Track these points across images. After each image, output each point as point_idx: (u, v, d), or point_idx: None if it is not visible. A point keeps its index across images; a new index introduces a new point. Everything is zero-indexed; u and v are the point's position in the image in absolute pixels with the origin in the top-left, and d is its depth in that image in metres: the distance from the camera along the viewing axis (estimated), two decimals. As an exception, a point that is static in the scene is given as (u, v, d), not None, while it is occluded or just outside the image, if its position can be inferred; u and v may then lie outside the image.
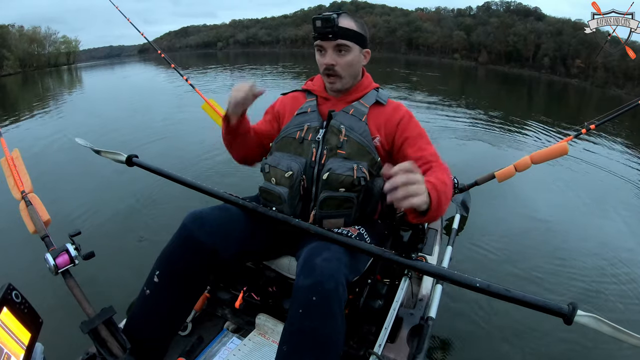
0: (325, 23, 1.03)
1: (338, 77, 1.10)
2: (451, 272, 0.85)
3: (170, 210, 2.72)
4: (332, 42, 1.05)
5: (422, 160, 1.05)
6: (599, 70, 25.72)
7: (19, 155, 1.26)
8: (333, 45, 1.06)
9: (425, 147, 1.09)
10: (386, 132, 1.12)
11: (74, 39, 43.03)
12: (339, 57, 1.07)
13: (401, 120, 1.12)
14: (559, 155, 1.88)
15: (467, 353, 1.64)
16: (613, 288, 2.12)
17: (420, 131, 1.13)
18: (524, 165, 1.91)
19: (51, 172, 3.52)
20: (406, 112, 1.15)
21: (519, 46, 35.60)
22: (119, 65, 27.87)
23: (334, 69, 1.08)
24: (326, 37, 1.05)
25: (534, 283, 2.11)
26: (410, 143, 1.09)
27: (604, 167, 4.67)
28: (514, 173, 1.93)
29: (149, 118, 6.23)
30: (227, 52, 57.18)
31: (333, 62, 1.07)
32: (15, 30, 34.37)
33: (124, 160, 1.26)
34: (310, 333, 0.85)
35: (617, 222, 3.04)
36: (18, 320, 0.75)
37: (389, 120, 1.12)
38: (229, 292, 1.33)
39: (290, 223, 1.00)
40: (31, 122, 6.48)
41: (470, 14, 44.44)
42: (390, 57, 37.62)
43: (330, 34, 1.04)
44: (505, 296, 0.81)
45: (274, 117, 1.25)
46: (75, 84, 15.93)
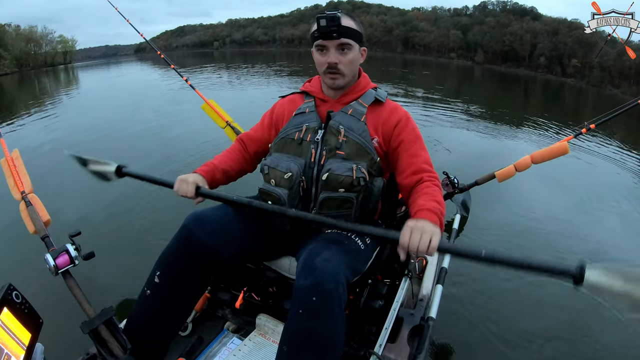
0: (331, 22, 1.02)
1: (341, 74, 1.10)
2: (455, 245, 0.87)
3: (170, 210, 2.71)
4: (335, 41, 1.05)
5: (414, 168, 1.07)
6: (595, 69, 25.65)
7: (18, 156, 1.26)
8: (336, 44, 1.05)
9: (418, 153, 1.09)
10: (383, 134, 1.11)
11: (70, 39, 43.21)
12: (342, 55, 1.07)
13: (399, 123, 1.11)
14: (559, 154, 1.88)
15: (467, 353, 1.64)
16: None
17: (416, 135, 1.13)
18: (524, 165, 1.91)
19: (51, 172, 3.52)
20: (404, 114, 1.14)
21: (515, 46, 35.57)
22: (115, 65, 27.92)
23: (337, 68, 1.08)
24: (330, 36, 1.04)
25: (534, 283, 2.11)
26: (405, 147, 1.10)
27: (605, 166, 4.67)
28: (514, 173, 1.93)
29: (145, 117, 6.24)
30: (223, 51, 57.20)
31: (337, 61, 1.07)
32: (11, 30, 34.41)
33: (114, 170, 1.24)
34: (310, 333, 0.85)
35: (617, 222, 3.04)
36: (18, 321, 0.75)
37: (387, 122, 1.12)
38: (230, 293, 1.33)
39: (286, 214, 0.98)
40: (31, 122, 6.48)
41: (466, 13, 44.40)
42: (386, 56, 37.66)
43: (335, 33, 1.03)
44: (511, 262, 0.78)
45: (272, 122, 1.24)
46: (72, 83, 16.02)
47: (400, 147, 1.10)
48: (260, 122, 1.28)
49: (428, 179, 1.06)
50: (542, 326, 1.78)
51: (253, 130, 1.28)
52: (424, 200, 0.97)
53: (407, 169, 1.08)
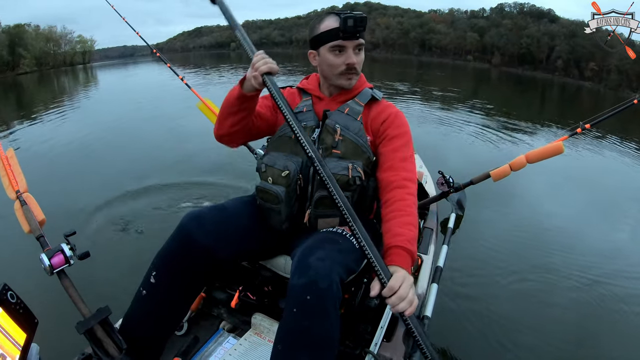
0: (360, 22, 1.01)
1: (356, 74, 1.10)
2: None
3: (166, 210, 2.71)
4: (355, 42, 1.04)
5: (391, 162, 1.05)
6: (613, 72, 25.54)
7: (13, 155, 1.26)
8: (355, 45, 1.05)
9: (399, 149, 1.07)
10: (373, 131, 1.12)
11: (89, 39, 42.92)
12: (357, 55, 1.07)
13: (387, 119, 1.11)
14: (554, 154, 1.88)
15: (462, 351, 1.65)
16: (607, 285, 2.15)
17: (403, 131, 1.10)
18: (519, 164, 1.91)
19: (46, 171, 3.50)
20: (393, 111, 1.14)
21: (533, 48, 35.46)
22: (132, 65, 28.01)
23: (355, 68, 1.08)
24: (354, 36, 1.03)
25: (528, 281, 2.13)
26: (388, 142, 1.09)
27: (599, 165, 4.71)
28: (510, 172, 1.94)
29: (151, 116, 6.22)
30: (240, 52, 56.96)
31: (356, 61, 1.07)
32: (31, 30, 34.23)
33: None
34: (305, 332, 0.86)
35: (611, 221, 3.07)
36: (13, 321, 0.75)
37: (376, 119, 1.12)
38: (225, 292, 1.33)
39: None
40: (32, 122, 6.44)
41: (483, 15, 44.40)
42: (403, 58, 37.74)
43: (359, 33, 1.03)
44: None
45: (273, 105, 1.17)
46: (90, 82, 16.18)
47: (384, 142, 1.09)
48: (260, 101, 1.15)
49: (404, 183, 1.01)
50: (537, 325, 1.80)
51: (258, 105, 1.14)
52: (399, 228, 0.93)
53: (385, 163, 1.06)
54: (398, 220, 0.95)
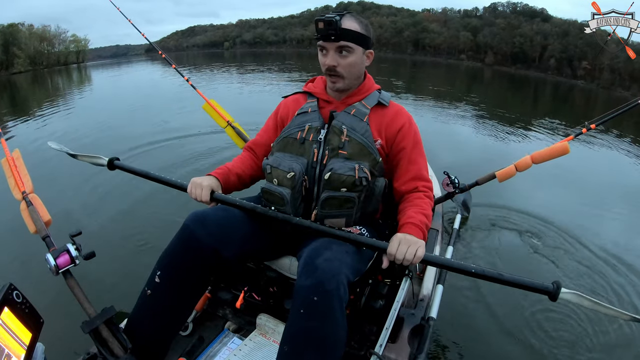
0: (328, 26, 1.01)
1: (340, 77, 1.09)
2: (439, 258, 0.96)
3: (171, 210, 2.71)
4: (334, 44, 1.04)
5: (411, 175, 1.12)
6: (605, 71, 25.57)
7: (19, 156, 1.26)
8: (335, 47, 1.05)
9: (417, 160, 1.14)
10: (387, 137, 1.12)
11: (83, 38, 43.12)
12: (341, 58, 1.06)
13: (402, 127, 1.12)
14: (559, 154, 1.87)
15: (467, 353, 1.64)
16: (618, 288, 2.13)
17: (417, 140, 1.15)
18: (525, 165, 1.90)
19: (52, 172, 3.52)
20: (407, 118, 1.15)
21: (525, 47, 35.50)
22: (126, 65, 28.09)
23: (335, 70, 1.07)
24: (328, 39, 1.04)
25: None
26: (405, 154, 1.13)
27: (605, 166, 4.67)
28: (515, 173, 1.93)
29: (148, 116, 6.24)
30: (234, 51, 57.46)
31: (335, 64, 1.06)
32: (25, 29, 34.32)
33: (105, 163, 1.24)
34: (311, 333, 0.85)
35: (617, 222, 3.04)
36: (19, 320, 0.75)
37: (390, 126, 1.12)
38: (230, 292, 1.32)
39: (291, 222, 1.00)
40: (33, 122, 6.47)
41: (476, 14, 44.45)
42: (396, 57, 37.67)
43: (333, 36, 1.03)
44: (498, 279, 0.89)
45: (277, 123, 1.23)
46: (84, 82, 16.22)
47: (401, 153, 1.13)
48: (265, 126, 1.27)
49: (422, 189, 1.12)
50: (543, 327, 1.78)
51: (259, 135, 1.27)
52: (413, 212, 1.03)
53: (404, 175, 1.13)
54: (412, 209, 1.05)
